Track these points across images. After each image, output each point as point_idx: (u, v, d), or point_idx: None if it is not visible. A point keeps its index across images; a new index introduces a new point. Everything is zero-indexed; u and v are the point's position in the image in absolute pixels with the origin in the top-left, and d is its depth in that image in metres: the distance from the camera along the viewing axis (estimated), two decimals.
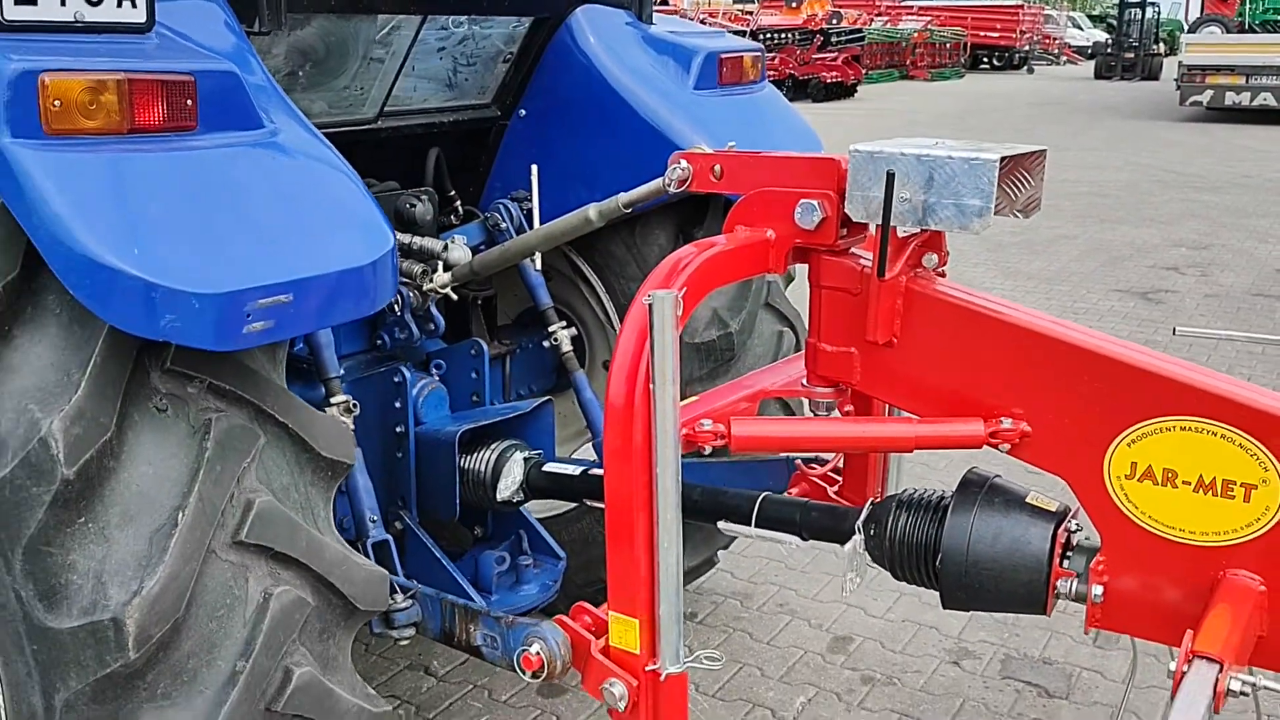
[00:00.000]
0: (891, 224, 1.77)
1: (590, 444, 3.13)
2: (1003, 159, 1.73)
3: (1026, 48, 37.09)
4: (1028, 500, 1.84)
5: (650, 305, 1.64)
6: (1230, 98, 19.11)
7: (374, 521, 2.29)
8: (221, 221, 1.60)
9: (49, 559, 1.56)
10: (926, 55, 31.81)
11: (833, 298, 1.91)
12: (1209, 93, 19.28)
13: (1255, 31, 22.40)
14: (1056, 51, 40.80)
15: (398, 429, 2.55)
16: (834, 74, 24.61)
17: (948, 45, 32.98)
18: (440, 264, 2.59)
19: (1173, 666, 1.46)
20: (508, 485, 2.51)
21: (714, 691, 3.15)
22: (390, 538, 2.29)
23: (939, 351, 1.84)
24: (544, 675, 1.92)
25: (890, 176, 1.72)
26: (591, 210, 2.32)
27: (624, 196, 2.25)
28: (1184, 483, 1.67)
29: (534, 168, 2.55)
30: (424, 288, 2.58)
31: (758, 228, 1.93)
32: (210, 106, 1.67)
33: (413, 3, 2.46)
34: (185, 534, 1.59)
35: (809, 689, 3.15)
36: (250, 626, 1.66)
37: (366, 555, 2.19)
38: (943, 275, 1.92)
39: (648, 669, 1.79)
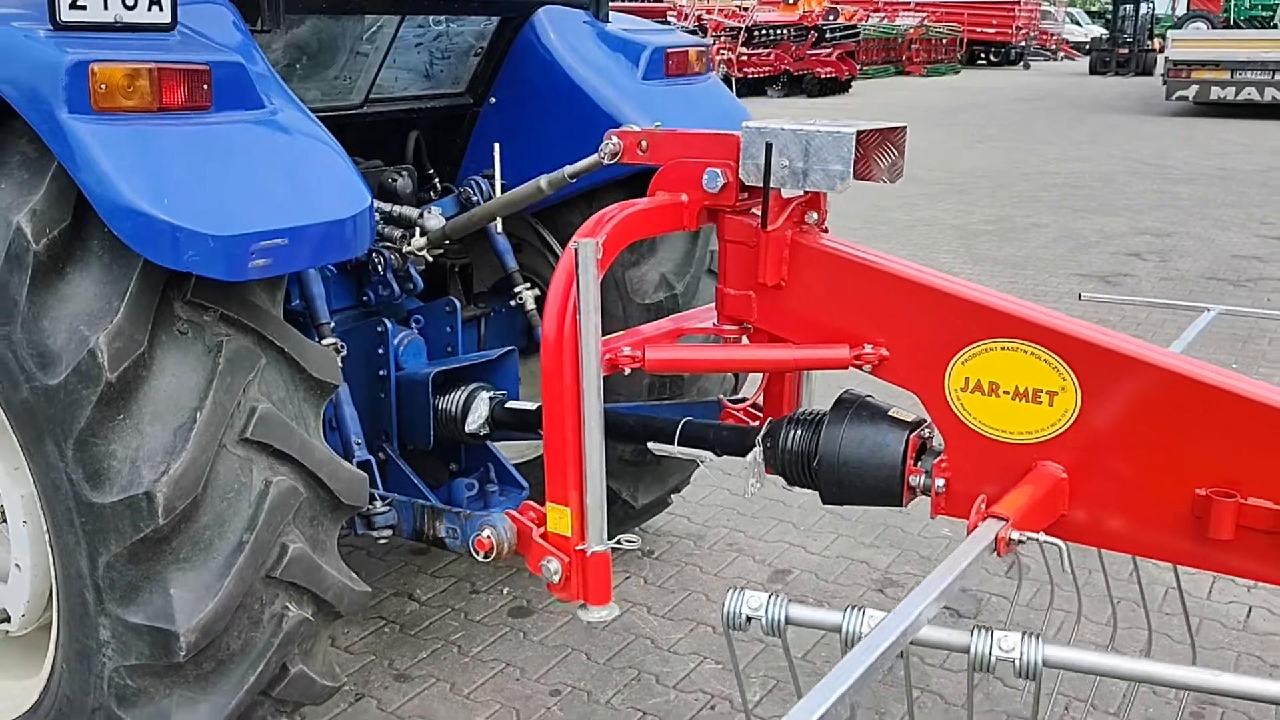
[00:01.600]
0: (774, 186, 2.18)
1: None
2: (860, 132, 2.13)
3: (1023, 43, 37.43)
4: (890, 414, 2.25)
5: (576, 250, 2.04)
6: (1216, 92, 19.49)
7: (358, 444, 2.70)
8: (231, 181, 2.01)
9: (94, 448, 1.97)
10: (922, 51, 32.17)
11: (734, 250, 2.32)
12: (1195, 87, 19.67)
13: (1240, 27, 22.77)
14: (1053, 47, 41.12)
15: (380, 372, 2.96)
16: (828, 69, 24.98)
17: (944, 41, 33.32)
18: (418, 230, 2.99)
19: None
20: (475, 420, 2.92)
21: (664, 613, 3.57)
22: (372, 458, 2.71)
23: (817, 292, 2.25)
24: (494, 555, 2.35)
25: (769, 147, 2.13)
26: (543, 180, 2.72)
27: (569, 168, 2.65)
28: (1005, 392, 2.08)
29: (496, 145, 2.95)
30: (403, 250, 2.99)
31: (674, 192, 2.34)
32: (222, 90, 2.08)
33: (393, 3, 2.87)
34: (202, 430, 2.01)
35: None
36: (254, 507, 2.08)
37: None
38: (825, 231, 2.32)
39: (577, 548, 2.19)
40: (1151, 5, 32.55)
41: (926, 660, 3.26)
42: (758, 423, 2.62)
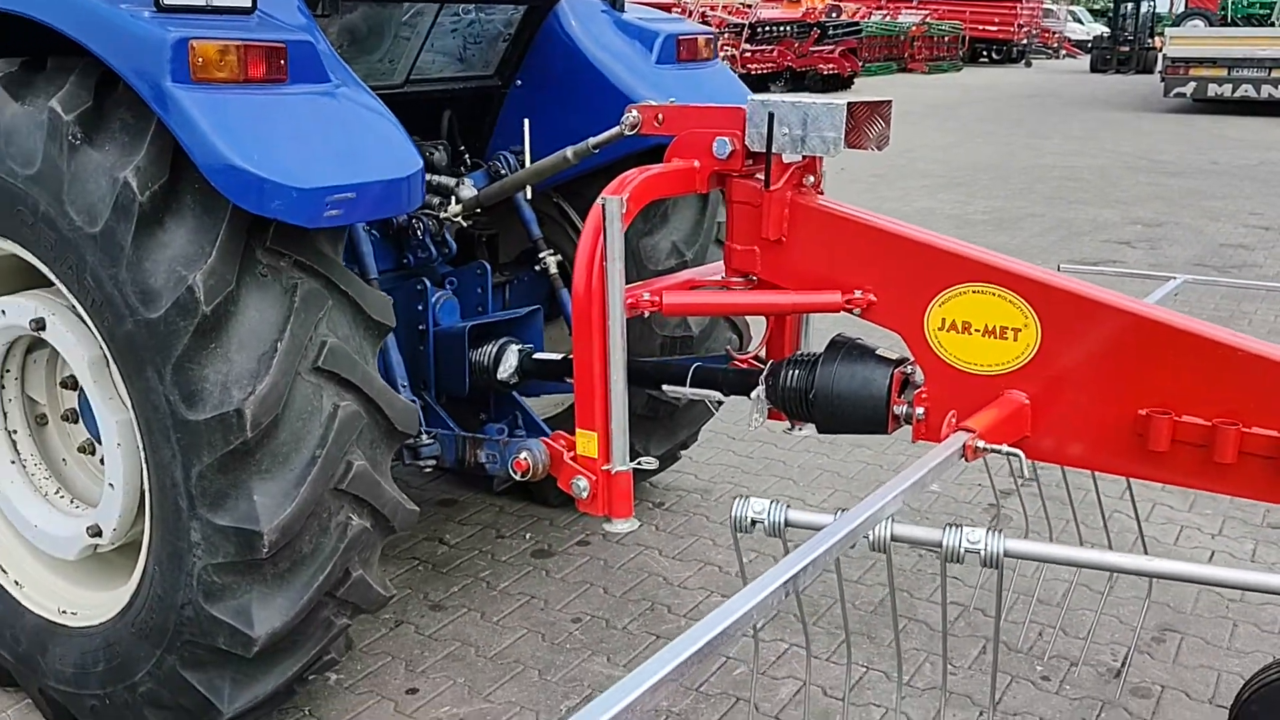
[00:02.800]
0: (775, 151, 2.49)
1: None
2: (851, 104, 2.45)
3: (1025, 41, 37.71)
4: (877, 352, 2.56)
5: (604, 205, 2.36)
6: (1213, 89, 19.78)
7: (404, 387, 3.01)
8: (306, 142, 2.32)
9: (190, 373, 2.28)
10: (925, 48, 32.46)
11: (740, 210, 2.63)
12: (1192, 84, 19.95)
13: (1237, 25, 23.05)
14: (1055, 45, 41.39)
15: (419, 327, 3.28)
16: (830, 66, 25.28)
17: (946, 38, 33.62)
18: (454, 198, 3.31)
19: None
20: (506, 369, 3.23)
21: (674, 555, 3.88)
22: (415, 399, 3.02)
23: (813, 245, 2.56)
24: (530, 475, 2.67)
25: (771, 116, 2.44)
26: (569, 151, 3.03)
27: (592, 140, 2.96)
28: (976, 330, 2.39)
29: (526, 121, 3.26)
30: (440, 216, 3.30)
31: (687, 159, 2.65)
32: (295, 66, 2.40)
33: None
34: (282, 358, 2.32)
35: (750, 553, 3.87)
36: (324, 427, 2.39)
37: None
38: (821, 192, 2.63)
39: (603, 468, 2.51)
40: (1153, 4, 32.82)
41: (914, 594, 3.58)
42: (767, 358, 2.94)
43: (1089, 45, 36.20)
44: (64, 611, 2.82)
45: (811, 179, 2.59)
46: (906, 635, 3.35)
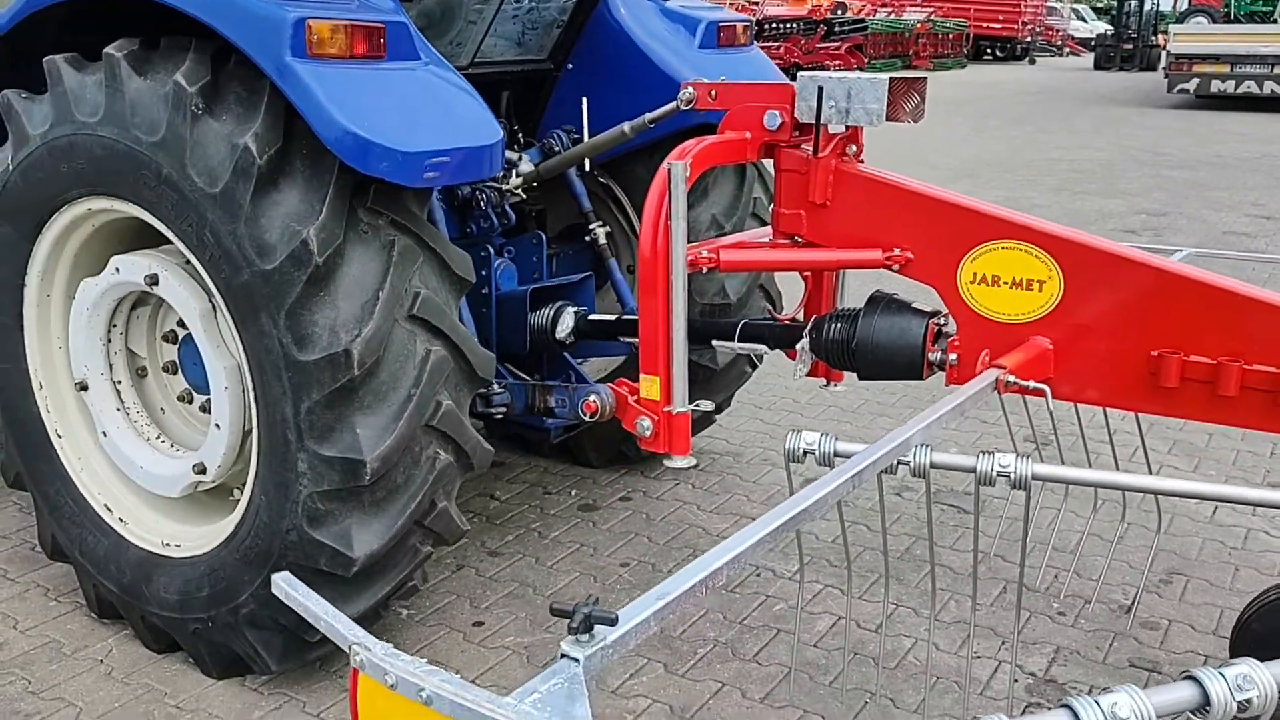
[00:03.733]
0: (823, 122, 2.76)
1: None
2: (892, 78, 2.72)
3: (1029, 39, 37.95)
4: (913, 306, 2.83)
5: (670, 169, 2.63)
6: (1216, 85, 20.01)
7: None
8: (406, 112, 2.58)
9: (301, 318, 2.55)
10: (929, 45, 32.69)
11: (788, 177, 2.90)
12: (1195, 81, 20.18)
13: (1241, 22, 23.29)
14: (1059, 43, 41.64)
15: (484, 291, 3.54)
16: (836, 63, 25.47)
17: (950, 36, 33.86)
18: (514, 172, 3.58)
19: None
20: (563, 329, 3.50)
21: (711, 510, 4.15)
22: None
23: (855, 209, 2.83)
24: (598, 416, 2.94)
25: (820, 90, 2.71)
26: (625, 126, 3.30)
27: (649, 115, 3.23)
28: (1004, 283, 2.65)
29: (584, 100, 3.53)
30: (502, 189, 3.57)
31: (739, 130, 2.92)
32: (392, 44, 2.66)
33: None
34: (382, 306, 2.59)
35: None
36: (418, 369, 2.66)
37: None
38: (862, 161, 2.90)
39: (664, 409, 2.78)
40: (1156, 2, 33.08)
41: (939, 543, 3.84)
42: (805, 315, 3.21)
43: (1093, 43, 36.44)
44: (167, 544, 3.09)
45: (854, 148, 2.86)
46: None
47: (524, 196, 3.66)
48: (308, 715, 2.93)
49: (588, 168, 3.65)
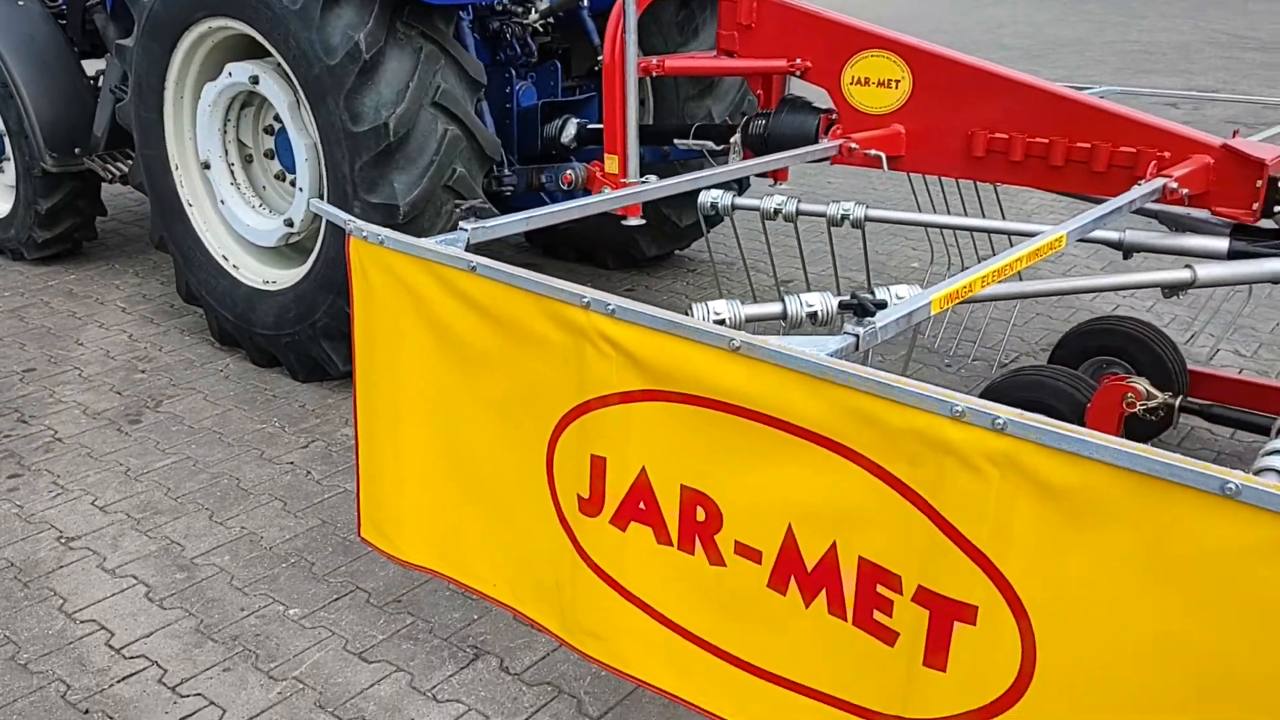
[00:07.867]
0: None
1: None
2: None
3: None
4: (813, 105, 3.71)
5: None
6: None
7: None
8: None
9: (355, 100, 3.58)
10: None
11: (725, 5, 3.78)
12: None
13: None
14: None
15: (507, 105, 4.52)
16: None
17: None
18: (532, 8, 4.51)
19: None
20: (567, 135, 4.47)
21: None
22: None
23: (772, 29, 3.70)
24: (572, 186, 3.94)
25: None
26: None
27: None
28: (873, 83, 3.52)
29: None
30: (524, 22, 4.51)
31: None
32: None
33: None
34: (412, 93, 3.60)
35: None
36: (439, 142, 3.67)
37: None
38: None
39: (621, 181, 3.73)
40: None
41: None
42: None
43: None
44: (267, 282, 4.21)
45: None
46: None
47: (547, 36, 4.60)
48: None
49: (585, 2, 4.56)
